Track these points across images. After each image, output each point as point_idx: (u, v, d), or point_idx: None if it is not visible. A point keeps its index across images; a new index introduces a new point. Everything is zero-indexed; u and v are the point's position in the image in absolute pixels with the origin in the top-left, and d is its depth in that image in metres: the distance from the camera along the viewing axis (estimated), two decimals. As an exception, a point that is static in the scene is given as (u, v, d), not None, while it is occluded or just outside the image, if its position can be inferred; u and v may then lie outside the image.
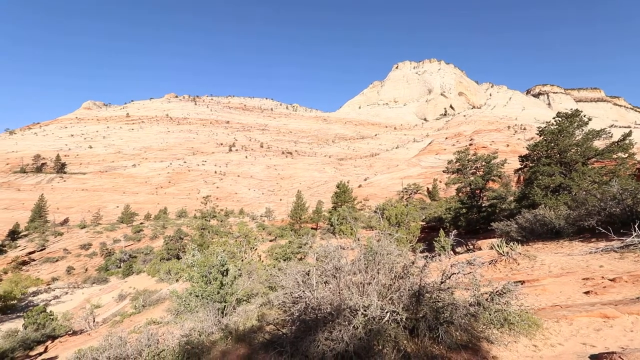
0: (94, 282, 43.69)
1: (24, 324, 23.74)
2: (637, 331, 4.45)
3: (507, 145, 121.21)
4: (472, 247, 16.53)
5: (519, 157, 23.92)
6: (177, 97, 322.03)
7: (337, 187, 52.59)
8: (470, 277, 4.96)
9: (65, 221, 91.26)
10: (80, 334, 21.63)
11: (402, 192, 68.69)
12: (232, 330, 6.08)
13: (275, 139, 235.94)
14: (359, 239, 6.30)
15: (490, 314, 4.75)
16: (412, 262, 5.05)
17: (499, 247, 10.00)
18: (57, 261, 55.18)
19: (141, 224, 79.54)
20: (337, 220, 33.72)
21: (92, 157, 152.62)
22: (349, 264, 5.42)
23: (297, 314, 4.86)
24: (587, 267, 8.06)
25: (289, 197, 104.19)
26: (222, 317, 7.62)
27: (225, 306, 8.28)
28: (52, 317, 24.13)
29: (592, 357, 3.95)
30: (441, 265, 5.00)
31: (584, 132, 19.93)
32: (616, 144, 19.04)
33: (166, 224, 74.80)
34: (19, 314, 30.66)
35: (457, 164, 28.94)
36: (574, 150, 19.64)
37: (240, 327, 6.35)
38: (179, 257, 40.78)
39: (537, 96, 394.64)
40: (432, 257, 4.96)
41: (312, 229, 50.71)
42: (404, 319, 4.33)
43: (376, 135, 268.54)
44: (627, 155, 18.62)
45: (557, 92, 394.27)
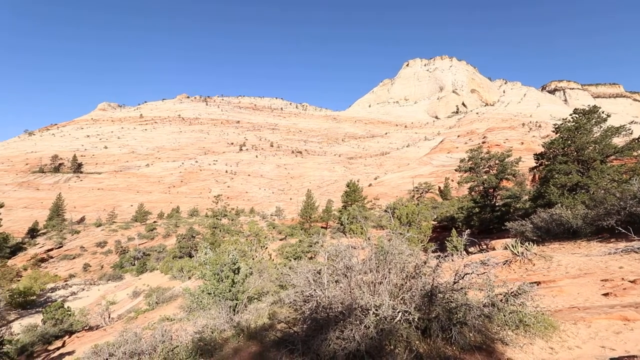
0: (109, 279, 44.77)
1: (42, 319, 24.44)
2: (659, 335, 4.30)
3: (522, 143, 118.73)
4: (485, 247, 16.25)
5: (534, 155, 23.40)
6: (188, 97, 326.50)
7: (347, 186, 52.46)
8: (484, 278, 4.88)
9: (81, 219, 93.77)
10: (96, 329, 22.19)
11: (413, 191, 68.07)
12: (243, 327, 6.13)
13: (285, 138, 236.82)
14: (369, 238, 6.27)
15: (504, 315, 4.67)
16: (424, 262, 5.00)
17: (513, 247, 9.80)
18: (74, 258, 56.72)
19: (154, 222, 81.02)
20: (347, 219, 33.65)
21: (107, 157, 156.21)
22: (359, 263, 5.40)
23: (308, 313, 4.86)
24: (606, 268, 7.83)
25: (299, 196, 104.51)
26: (234, 315, 7.71)
27: (236, 304, 8.37)
28: (69, 312, 24.81)
29: (611, 360, 3.84)
30: (454, 265, 4.93)
31: (602, 129, 19.37)
32: (636, 141, 18.42)
33: (178, 222, 76.00)
34: (38, 310, 31.55)
35: (470, 162, 28.48)
36: (592, 147, 19.10)
37: (251, 325, 6.40)
38: (191, 255, 41.40)
39: (552, 92, 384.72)
40: (445, 257, 4.89)
41: (322, 228, 50.75)
42: (416, 319, 4.28)
43: (386, 133, 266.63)
44: (648, 152, 18.01)
45: (573, 88, 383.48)
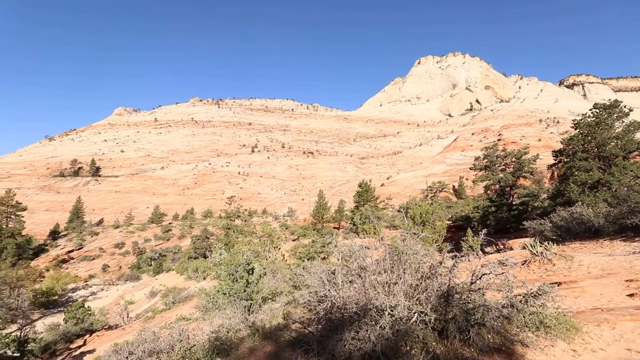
0: (127, 280, 45.85)
1: (64, 318, 25.19)
2: (690, 337, 4.12)
3: (539, 139, 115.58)
4: (502, 247, 15.90)
5: (553, 152, 22.79)
6: (201, 101, 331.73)
7: (359, 186, 52.24)
8: (502, 278, 4.78)
9: (100, 221, 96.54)
10: (115, 328, 22.75)
11: (427, 190, 67.23)
12: (258, 327, 6.19)
13: (296, 139, 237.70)
14: (382, 239, 6.22)
15: (524, 317, 4.57)
16: (440, 262, 4.92)
17: (532, 246, 9.55)
18: (93, 259, 58.41)
19: (170, 224, 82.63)
20: (360, 219, 33.54)
21: (124, 160, 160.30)
22: (373, 264, 5.37)
23: (322, 313, 4.86)
24: (630, 268, 7.55)
25: (310, 197, 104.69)
26: (249, 315, 7.78)
27: (251, 304, 8.44)
28: (89, 312, 25.52)
29: (638, 364, 3.70)
30: (470, 265, 4.84)
31: (624, 123, 18.70)
32: (662, 136, 17.71)
33: (193, 223, 77.26)
34: (59, 309, 32.52)
35: (485, 160, 27.91)
36: (613, 143, 18.48)
37: (266, 325, 6.45)
38: (205, 256, 42.01)
39: (571, 87, 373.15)
40: (462, 257, 4.81)
41: (334, 228, 50.67)
42: (433, 320, 4.23)
43: (398, 132, 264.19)
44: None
45: (593, 82, 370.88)
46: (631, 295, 5.80)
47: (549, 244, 9.66)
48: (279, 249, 28.34)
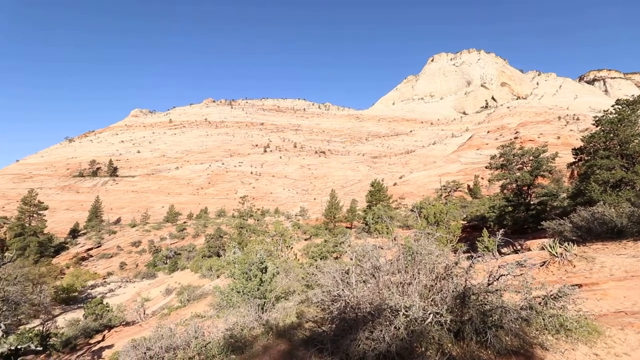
0: (143, 277, 46.97)
1: (84, 314, 25.97)
2: None
3: (558, 137, 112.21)
4: (519, 247, 15.52)
5: (573, 149, 22.11)
6: (214, 101, 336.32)
7: (372, 186, 51.96)
8: (520, 280, 4.67)
9: (118, 220, 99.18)
10: (132, 324, 23.33)
11: (441, 189, 66.28)
12: (272, 326, 6.23)
13: (308, 138, 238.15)
14: (395, 239, 6.17)
15: (544, 319, 4.46)
16: (455, 263, 4.84)
17: (551, 247, 9.29)
18: (111, 257, 60.11)
19: (184, 223, 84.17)
20: (372, 219, 33.35)
21: (140, 161, 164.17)
22: (387, 264, 5.32)
23: (336, 312, 4.86)
24: (657, 270, 7.24)
25: (322, 196, 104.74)
26: (262, 313, 7.85)
27: (264, 302, 8.51)
28: (108, 308, 26.24)
29: (667, 370, 3.55)
30: (487, 266, 4.74)
31: (649, 120, 17.96)
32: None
33: (207, 223, 78.47)
34: (79, 305, 33.59)
35: (502, 159, 27.29)
36: (637, 140, 17.76)
37: (280, 324, 6.49)
38: (219, 255, 42.60)
39: (591, 83, 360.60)
40: (478, 257, 4.72)
41: (346, 228, 50.57)
42: (448, 322, 4.17)
43: (411, 131, 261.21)
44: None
45: (615, 77, 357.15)
46: (658, 298, 5.57)
47: (568, 244, 9.38)
48: (291, 248, 28.48)
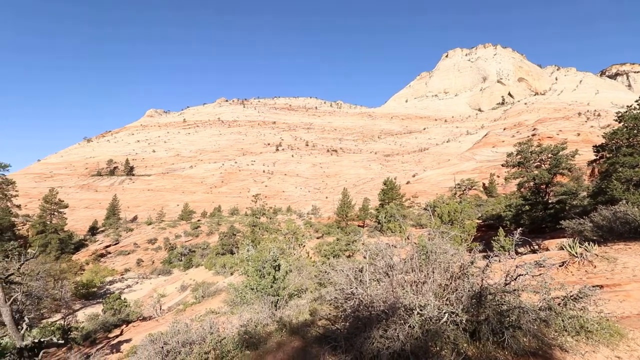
0: (159, 274, 48.01)
1: (103, 309, 26.73)
2: None
3: (578, 134, 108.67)
4: (537, 247, 15.13)
5: (594, 147, 21.39)
6: (227, 101, 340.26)
7: (384, 184, 51.59)
8: (539, 280, 4.56)
9: (134, 218, 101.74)
10: (149, 319, 23.89)
11: (455, 188, 65.23)
12: (286, 322, 6.28)
13: (320, 137, 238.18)
14: (408, 237, 6.12)
15: (563, 320, 4.35)
16: (471, 262, 4.77)
17: (570, 247, 9.03)
18: (128, 254, 61.71)
19: (198, 221, 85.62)
20: (385, 217, 33.14)
21: (155, 160, 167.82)
22: (401, 262, 5.29)
23: (349, 310, 4.86)
24: (684, 271, 6.95)
25: (334, 195, 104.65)
26: (276, 310, 7.92)
27: (278, 300, 8.59)
28: (125, 303, 26.96)
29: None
30: (504, 266, 4.65)
31: (676, 115, 17.21)
32: None
33: (220, 221, 79.59)
34: (98, 300, 34.60)
35: (519, 156, 26.64)
36: (663, 137, 17.05)
37: (293, 320, 6.54)
38: (232, 252, 43.16)
39: (613, 77, 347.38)
40: (496, 256, 4.63)
41: (358, 226, 50.41)
42: (464, 321, 4.11)
43: (425, 129, 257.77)
44: None
45: (639, 72, 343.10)
46: (685, 301, 5.35)
47: (589, 244, 9.10)
48: (304, 246, 28.61)
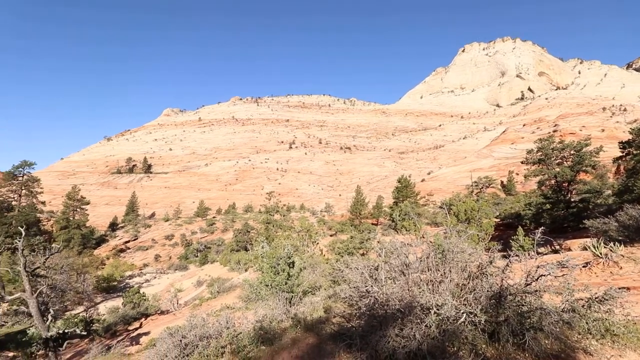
0: (176, 269, 49.20)
1: (123, 302, 27.59)
2: None
3: (602, 130, 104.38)
4: (558, 247, 14.66)
5: (619, 143, 20.55)
6: (241, 99, 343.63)
7: (398, 182, 51.08)
8: (561, 280, 4.42)
9: (152, 215, 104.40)
10: (167, 313, 24.51)
11: (472, 186, 63.92)
12: (300, 319, 6.32)
13: (333, 134, 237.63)
14: (423, 236, 6.04)
15: (587, 323, 4.21)
16: (490, 261, 4.66)
17: (595, 247, 8.70)
18: (147, 249, 63.45)
19: (213, 217, 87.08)
20: (399, 216, 32.83)
21: (172, 158, 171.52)
22: (417, 261, 5.23)
23: (364, 308, 4.84)
24: None
25: (348, 193, 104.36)
26: (290, 307, 7.97)
27: (292, 296, 8.65)
28: (144, 297, 27.76)
29: None
30: (524, 266, 4.53)
31: None
32: None
33: (235, 218, 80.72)
34: (118, 294, 35.74)
35: (539, 153, 25.80)
36: (696, 132, 16.17)
37: (307, 317, 6.56)
38: (246, 249, 43.72)
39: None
40: (516, 256, 4.51)
41: (372, 224, 50.12)
42: (483, 322, 4.02)
43: (440, 125, 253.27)
44: None
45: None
46: None
47: (614, 245, 8.76)
48: (317, 244, 28.69)
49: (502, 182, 72.73)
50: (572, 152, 24.48)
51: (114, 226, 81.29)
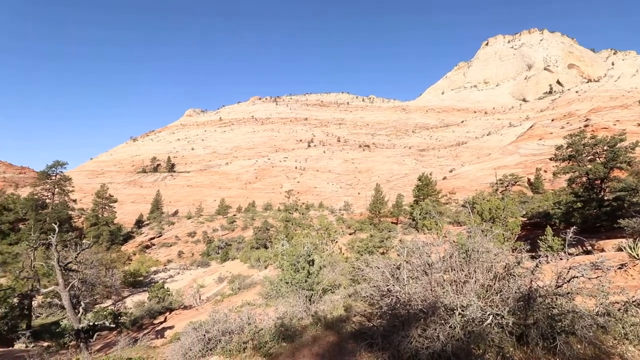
0: (198, 265, 50.49)
1: (148, 297, 28.59)
2: None
3: (639, 124, 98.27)
4: (590, 247, 13.94)
5: (658, 138, 19.20)
6: (260, 99, 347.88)
7: (419, 180, 50.18)
8: (595, 283, 4.20)
9: (175, 212, 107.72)
10: (190, 308, 25.24)
11: (497, 184, 61.80)
12: (320, 317, 6.33)
13: (352, 132, 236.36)
14: (445, 235, 5.88)
15: (624, 327, 3.98)
16: (518, 262, 4.48)
17: (631, 248, 8.21)
18: (170, 246, 65.55)
19: (234, 215, 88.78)
20: (420, 214, 32.23)
21: (194, 157, 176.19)
22: (440, 261, 5.11)
23: (386, 308, 4.78)
24: None
25: (367, 191, 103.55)
26: (310, 305, 8.01)
27: (312, 294, 8.68)
28: (169, 292, 28.67)
29: None
30: (555, 267, 4.32)
31: None
32: None
33: (254, 216, 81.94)
34: (144, 289, 37.05)
35: (569, 149, 24.59)
36: None
37: (328, 315, 6.57)
38: (266, 247, 44.32)
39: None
40: (545, 257, 4.32)
41: (392, 223, 49.51)
42: (510, 324, 3.88)
43: (463, 122, 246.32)
44: None
45: None
46: None
47: (654, 246, 8.22)
48: (336, 242, 28.66)
49: (529, 179, 69.91)
50: (605, 147, 23.18)
51: (139, 223, 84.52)
